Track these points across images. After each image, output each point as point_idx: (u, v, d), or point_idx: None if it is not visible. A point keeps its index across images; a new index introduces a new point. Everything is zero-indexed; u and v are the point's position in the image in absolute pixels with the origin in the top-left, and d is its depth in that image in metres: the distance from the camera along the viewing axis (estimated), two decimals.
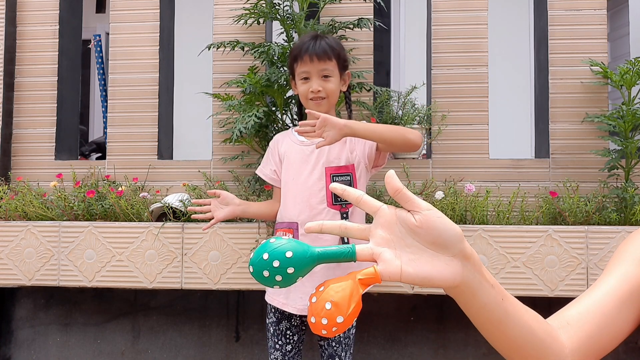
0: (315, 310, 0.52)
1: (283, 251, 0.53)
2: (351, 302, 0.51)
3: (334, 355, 1.63)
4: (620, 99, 2.14)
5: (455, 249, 0.53)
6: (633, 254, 0.69)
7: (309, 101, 1.61)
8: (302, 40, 1.62)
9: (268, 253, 0.53)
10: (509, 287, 1.94)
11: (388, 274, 0.52)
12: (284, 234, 1.60)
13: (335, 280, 0.53)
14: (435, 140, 2.28)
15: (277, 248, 0.53)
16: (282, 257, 0.53)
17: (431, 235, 0.53)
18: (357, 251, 0.54)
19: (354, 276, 0.53)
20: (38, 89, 2.53)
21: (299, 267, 0.53)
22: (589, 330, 0.64)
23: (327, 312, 0.51)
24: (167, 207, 2.09)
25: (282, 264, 0.52)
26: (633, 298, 0.66)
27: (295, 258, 0.53)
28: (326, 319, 0.51)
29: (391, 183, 0.54)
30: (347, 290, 0.52)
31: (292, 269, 0.53)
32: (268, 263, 0.53)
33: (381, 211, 0.55)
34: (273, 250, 0.53)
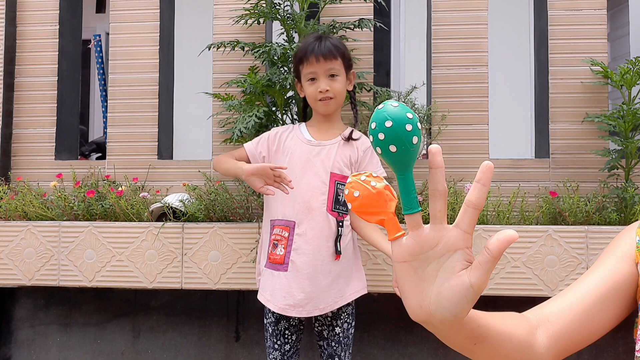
0: (351, 183, 0.51)
1: (410, 136, 0.48)
2: (387, 193, 0.50)
3: (333, 355, 1.63)
4: (620, 99, 2.14)
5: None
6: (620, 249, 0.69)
7: (317, 102, 1.61)
8: (306, 42, 1.62)
9: (412, 124, 0.48)
10: (509, 287, 1.95)
11: (398, 248, 0.51)
12: (281, 231, 1.60)
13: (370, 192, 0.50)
14: (435, 140, 2.28)
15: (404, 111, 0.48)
16: (415, 123, 0.48)
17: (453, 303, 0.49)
18: (418, 214, 0.50)
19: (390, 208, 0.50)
20: (38, 89, 2.53)
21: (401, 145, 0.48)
22: (568, 325, 0.64)
23: (366, 180, 0.50)
24: (167, 207, 2.09)
25: (414, 129, 0.48)
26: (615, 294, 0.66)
27: (414, 125, 0.48)
28: (365, 178, 0.50)
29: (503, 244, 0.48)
30: (374, 196, 0.50)
31: (416, 138, 0.48)
32: (412, 120, 0.48)
33: (452, 232, 0.50)
34: (408, 112, 0.49)
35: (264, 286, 1.63)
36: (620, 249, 0.69)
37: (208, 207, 2.09)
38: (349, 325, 1.66)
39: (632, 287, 0.66)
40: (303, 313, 1.56)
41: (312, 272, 1.55)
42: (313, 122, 1.70)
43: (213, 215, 2.11)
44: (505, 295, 1.96)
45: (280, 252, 1.58)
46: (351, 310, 1.67)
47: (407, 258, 0.51)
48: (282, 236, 1.59)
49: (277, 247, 1.59)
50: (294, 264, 1.56)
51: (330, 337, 1.64)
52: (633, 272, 0.66)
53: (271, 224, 1.64)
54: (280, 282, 1.57)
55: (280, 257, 1.58)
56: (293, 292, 1.56)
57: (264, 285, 1.63)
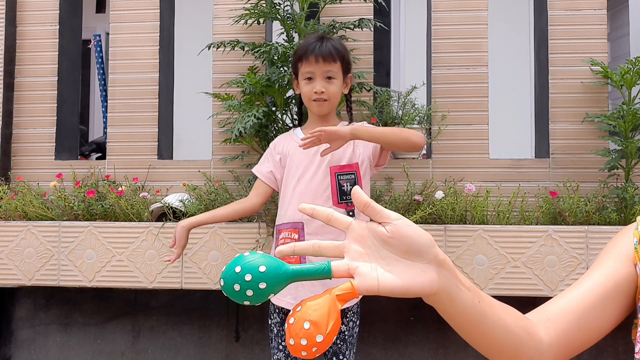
0: (294, 331, 0.50)
1: (256, 265, 0.51)
2: (330, 320, 0.50)
3: (338, 353, 1.63)
4: (620, 99, 2.14)
5: (428, 255, 0.54)
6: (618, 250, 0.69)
7: (311, 102, 1.61)
8: (307, 41, 1.62)
9: (241, 266, 0.51)
10: (509, 287, 1.95)
11: (365, 287, 0.52)
12: (290, 234, 1.59)
13: (312, 299, 0.52)
14: (435, 140, 2.28)
15: (251, 262, 0.52)
16: (255, 271, 0.51)
17: (404, 244, 0.53)
18: (332, 267, 0.53)
19: (331, 292, 0.51)
20: (38, 89, 2.53)
21: (272, 283, 0.51)
22: (568, 326, 0.64)
23: (306, 332, 0.49)
24: (167, 207, 2.09)
25: (255, 279, 0.51)
26: (615, 294, 0.66)
27: (269, 273, 0.51)
28: (305, 339, 0.49)
29: (359, 198, 0.54)
30: (325, 307, 0.50)
31: (265, 284, 0.51)
32: (240, 276, 0.51)
33: (352, 226, 0.55)
34: (246, 263, 0.51)
35: (284, 290, 1.62)
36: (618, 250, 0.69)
37: (208, 207, 2.09)
38: (354, 324, 1.66)
39: (631, 288, 0.66)
40: None
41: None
42: (308, 124, 1.71)
43: None
44: (505, 295, 1.96)
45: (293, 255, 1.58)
46: (357, 309, 1.67)
47: (367, 259, 0.54)
48: (292, 238, 1.58)
49: None
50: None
51: (336, 335, 1.64)
52: (632, 273, 0.66)
53: (277, 229, 1.64)
54: (301, 283, 1.57)
55: (295, 260, 1.58)
56: (317, 290, 1.55)
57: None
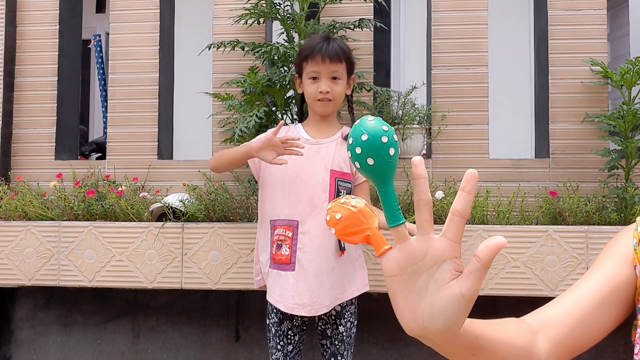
0: (332, 207, 0.51)
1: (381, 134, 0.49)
2: (368, 210, 0.50)
3: (336, 354, 1.63)
4: (620, 99, 2.14)
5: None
6: (618, 252, 0.68)
7: (316, 102, 1.62)
8: (313, 40, 1.63)
9: (387, 137, 0.48)
10: (509, 287, 1.95)
11: (387, 262, 0.50)
12: (284, 231, 1.60)
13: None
14: (435, 140, 2.28)
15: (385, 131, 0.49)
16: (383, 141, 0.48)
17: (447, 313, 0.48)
18: (406, 225, 0.51)
19: (373, 229, 0.50)
20: (38, 89, 2.53)
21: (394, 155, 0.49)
22: (568, 329, 0.64)
23: (346, 203, 0.51)
24: (167, 207, 2.09)
25: (387, 147, 0.48)
26: (615, 296, 0.66)
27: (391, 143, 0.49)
28: (346, 203, 0.51)
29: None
30: (358, 216, 0.50)
31: (393, 148, 0.49)
32: (387, 145, 0.49)
33: (440, 242, 0.49)
34: (389, 133, 0.49)
35: (271, 287, 1.62)
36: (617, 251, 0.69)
37: (208, 207, 2.09)
38: (352, 325, 1.66)
39: (631, 290, 0.66)
40: (312, 312, 1.56)
41: (318, 270, 1.56)
42: (310, 122, 1.71)
43: (213, 215, 2.11)
44: (505, 295, 1.96)
45: (286, 252, 1.58)
46: (354, 309, 1.67)
47: (396, 272, 0.50)
48: (286, 236, 1.59)
49: (281, 248, 1.59)
50: (301, 263, 1.56)
51: (334, 336, 1.64)
52: (631, 275, 0.66)
53: (271, 224, 1.64)
54: (287, 281, 1.57)
55: (286, 257, 1.59)
56: (301, 291, 1.56)
57: (271, 286, 1.62)
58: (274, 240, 1.62)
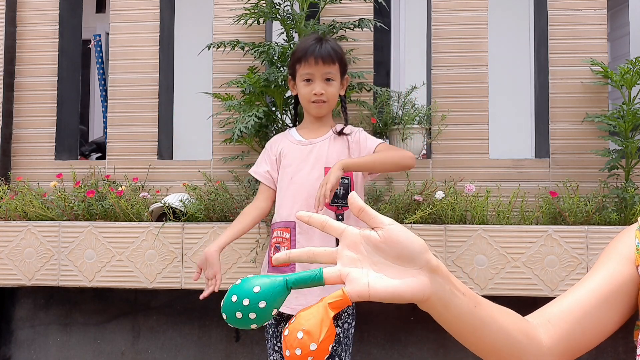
0: (289, 342, 0.51)
1: (251, 288, 0.52)
2: (322, 328, 0.51)
3: (333, 355, 1.63)
4: (621, 99, 2.14)
5: (420, 260, 0.53)
6: (620, 252, 0.68)
7: (310, 104, 1.62)
8: (306, 42, 1.63)
9: (236, 294, 0.52)
10: (509, 287, 1.94)
11: (356, 293, 0.52)
12: (281, 232, 1.60)
13: (305, 309, 0.53)
14: (435, 140, 2.28)
15: (244, 287, 0.53)
16: (250, 294, 0.52)
17: (395, 249, 0.53)
18: (324, 274, 0.53)
19: (323, 300, 0.52)
20: (38, 89, 2.53)
21: (270, 300, 0.52)
22: (569, 328, 0.64)
23: (300, 342, 0.50)
24: (167, 207, 2.09)
25: (252, 301, 0.52)
26: (617, 296, 0.65)
27: (264, 291, 0.52)
28: (300, 349, 0.50)
29: (354, 203, 0.55)
30: (318, 316, 0.51)
31: (264, 302, 0.52)
32: (238, 304, 0.52)
33: (346, 232, 0.55)
34: (240, 289, 0.53)
35: None
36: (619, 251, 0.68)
37: (208, 207, 2.09)
38: (349, 325, 1.66)
39: (633, 290, 0.66)
40: None
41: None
42: (304, 125, 1.72)
43: (213, 215, 2.10)
44: (505, 295, 1.96)
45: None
46: (351, 310, 1.67)
47: (359, 264, 0.54)
48: (284, 238, 1.59)
49: (279, 250, 1.59)
50: (301, 264, 1.56)
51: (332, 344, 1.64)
52: (634, 275, 0.66)
53: (271, 229, 1.66)
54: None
55: (291, 268, 1.59)
56: (304, 292, 1.56)
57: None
58: (272, 244, 1.63)
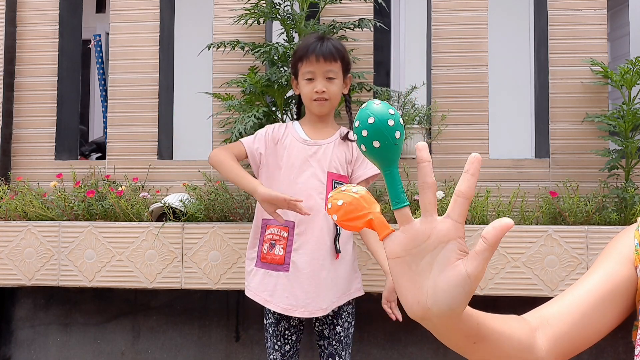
0: (335, 194, 0.51)
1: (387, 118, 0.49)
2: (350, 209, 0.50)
3: (334, 355, 1.63)
4: (620, 99, 2.14)
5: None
6: (619, 252, 0.68)
7: (312, 102, 1.61)
8: (307, 41, 1.63)
9: (394, 120, 0.49)
10: (509, 287, 1.94)
11: (390, 244, 0.50)
12: (279, 231, 1.59)
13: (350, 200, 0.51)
14: (435, 140, 2.28)
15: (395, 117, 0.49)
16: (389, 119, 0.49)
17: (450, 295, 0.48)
18: (406, 209, 0.51)
19: (374, 212, 0.51)
20: (38, 89, 2.53)
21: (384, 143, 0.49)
22: (567, 328, 0.64)
23: (343, 193, 0.51)
24: (167, 207, 2.09)
25: (395, 125, 0.49)
26: (615, 296, 0.66)
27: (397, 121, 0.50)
28: (342, 199, 0.51)
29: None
30: (361, 202, 0.50)
31: (399, 132, 0.50)
32: (395, 127, 0.49)
33: (443, 223, 0.50)
34: (396, 116, 0.50)
35: (258, 286, 1.61)
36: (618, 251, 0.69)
37: (208, 207, 2.09)
38: (350, 325, 1.66)
39: (631, 290, 0.66)
40: (305, 313, 1.56)
41: (313, 272, 1.56)
42: (307, 121, 1.70)
43: (213, 215, 2.10)
44: (505, 295, 1.96)
45: (279, 252, 1.58)
46: (351, 310, 1.67)
47: (400, 253, 0.50)
48: (281, 236, 1.59)
49: (274, 247, 1.59)
50: (295, 264, 1.56)
51: (332, 337, 1.64)
52: (632, 275, 0.66)
53: (263, 223, 1.63)
54: (281, 282, 1.57)
55: (279, 257, 1.58)
56: (295, 292, 1.56)
57: (258, 285, 1.61)
58: (265, 239, 1.61)
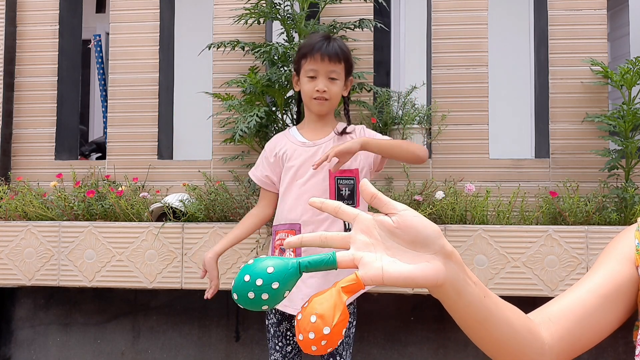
0: (302, 326, 0.51)
1: (264, 268, 0.52)
2: (336, 312, 0.50)
3: (335, 354, 1.63)
4: (621, 99, 2.14)
5: (435, 246, 0.53)
6: (620, 252, 0.69)
7: (312, 100, 1.61)
8: (313, 39, 1.63)
9: (249, 274, 0.52)
10: (509, 287, 1.94)
11: (369, 277, 0.52)
12: (286, 235, 1.60)
13: (318, 294, 0.52)
14: (435, 140, 2.28)
15: (257, 266, 0.52)
16: (264, 274, 0.52)
17: (410, 234, 0.53)
18: (337, 258, 0.53)
19: (336, 285, 0.52)
20: (38, 89, 2.53)
21: (283, 281, 0.52)
22: (569, 326, 0.64)
23: (313, 326, 0.50)
24: (167, 207, 2.09)
25: (266, 281, 0.51)
26: (616, 296, 0.66)
27: (278, 272, 0.52)
28: (313, 333, 0.50)
29: (366, 190, 0.55)
30: (331, 300, 0.51)
31: (277, 283, 0.52)
32: (251, 284, 0.52)
33: (359, 217, 0.55)
34: (253, 269, 0.52)
35: None
36: (619, 251, 0.69)
37: (208, 207, 2.09)
38: (351, 325, 1.66)
39: (633, 290, 0.66)
40: None
41: (324, 272, 1.56)
42: (305, 123, 1.71)
43: (213, 215, 2.10)
44: (505, 295, 1.96)
45: (289, 256, 1.58)
46: (353, 310, 1.67)
47: (372, 240, 0.54)
48: None
49: (284, 252, 1.59)
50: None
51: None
52: (634, 275, 0.66)
53: (273, 230, 1.65)
54: (296, 285, 1.57)
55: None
56: (310, 294, 1.56)
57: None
58: (275, 246, 1.63)
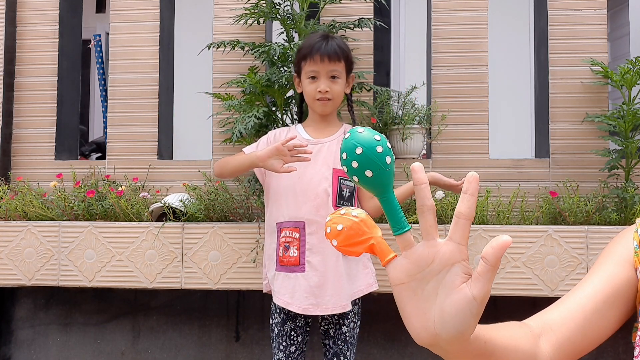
0: (333, 218, 0.50)
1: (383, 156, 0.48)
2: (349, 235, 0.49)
3: (339, 354, 1.63)
4: (621, 99, 2.14)
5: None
6: (618, 255, 0.68)
7: (315, 101, 1.61)
8: (312, 39, 1.63)
9: (382, 145, 0.48)
10: (509, 287, 1.94)
11: (393, 270, 0.49)
12: (291, 232, 1.59)
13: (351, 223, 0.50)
14: (435, 140, 2.28)
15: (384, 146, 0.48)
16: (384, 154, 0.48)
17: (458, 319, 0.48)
18: (408, 233, 0.49)
19: (376, 237, 0.49)
20: (38, 89, 2.53)
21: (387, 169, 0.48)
22: (570, 333, 0.64)
23: (342, 218, 0.50)
24: (167, 207, 2.09)
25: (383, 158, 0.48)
26: (615, 299, 0.66)
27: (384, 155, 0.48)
28: (343, 223, 0.49)
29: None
30: (355, 227, 0.49)
31: (389, 157, 0.48)
32: (383, 154, 0.47)
33: (446, 246, 0.48)
34: (382, 142, 0.48)
35: (279, 289, 1.61)
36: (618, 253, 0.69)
37: (208, 207, 2.09)
38: (355, 325, 1.66)
39: (632, 292, 0.66)
40: (327, 311, 1.56)
41: (328, 269, 1.56)
42: (310, 122, 1.70)
43: (213, 215, 2.10)
44: (505, 295, 1.96)
45: (294, 253, 1.58)
46: (357, 309, 1.67)
47: (404, 279, 0.49)
48: (293, 237, 1.59)
49: (289, 250, 1.59)
50: (311, 264, 1.56)
51: (337, 336, 1.64)
52: (632, 277, 0.66)
53: (278, 227, 1.63)
54: (299, 283, 1.57)
55: (294, 259, 1.58)
56: (314, 292, 1.56)
57: (279, 288, 1.61)
58: (280, 243, 1.62)
